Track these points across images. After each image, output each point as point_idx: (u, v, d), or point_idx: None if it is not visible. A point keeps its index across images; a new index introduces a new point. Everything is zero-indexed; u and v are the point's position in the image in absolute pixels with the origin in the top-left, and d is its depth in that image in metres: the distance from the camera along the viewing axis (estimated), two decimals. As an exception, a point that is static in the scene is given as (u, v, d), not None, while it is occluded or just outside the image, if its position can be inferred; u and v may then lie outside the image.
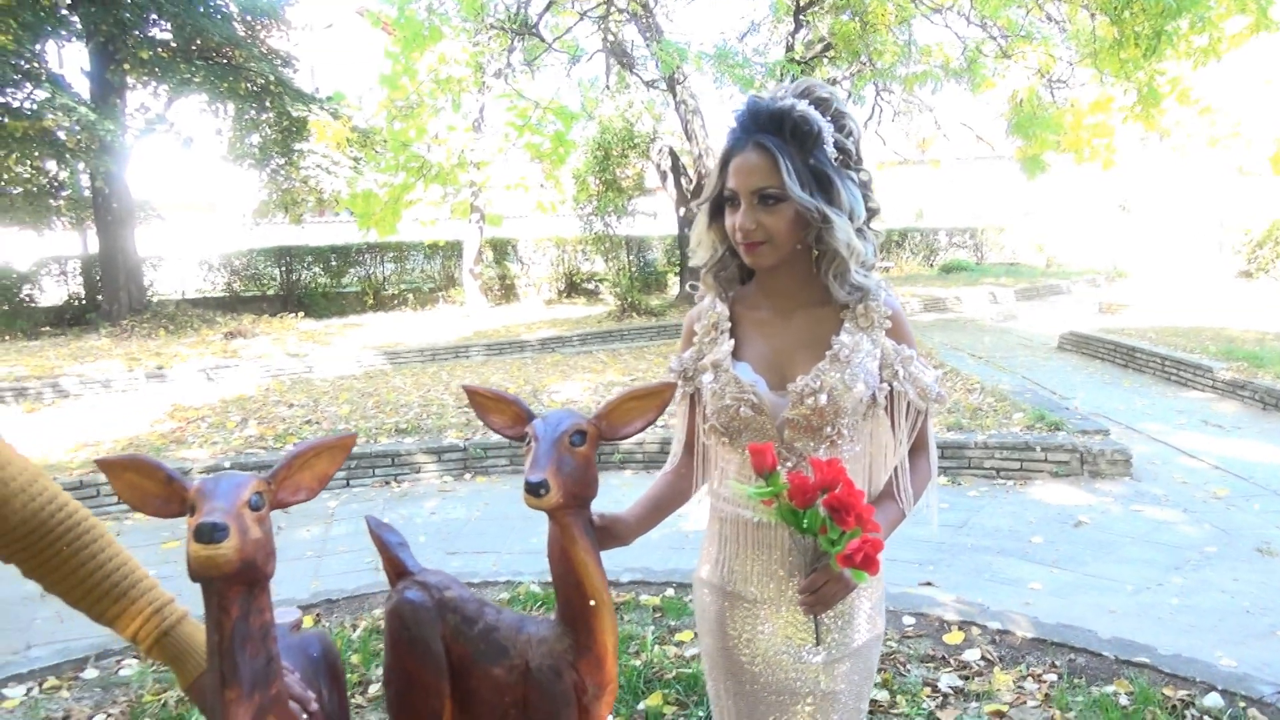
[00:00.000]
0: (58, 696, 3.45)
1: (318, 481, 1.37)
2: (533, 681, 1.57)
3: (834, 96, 1.60)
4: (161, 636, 1.38)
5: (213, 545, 1.16)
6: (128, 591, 1.37)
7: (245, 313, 17.35)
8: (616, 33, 16.06)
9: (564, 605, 1.59)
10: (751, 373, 1.60)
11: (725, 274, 1.69)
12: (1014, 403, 7.57)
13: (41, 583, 1.36)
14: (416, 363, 12.38)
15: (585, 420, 1.55)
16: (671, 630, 3.78)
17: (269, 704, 1.28)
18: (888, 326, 1.62)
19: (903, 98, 18.31)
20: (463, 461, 6.98)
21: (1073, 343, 11.74)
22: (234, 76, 15.56)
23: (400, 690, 1.66)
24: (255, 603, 1.27)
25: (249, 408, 8.78)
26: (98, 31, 14.18)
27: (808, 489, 1.41)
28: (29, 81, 13.60)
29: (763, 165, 1.52)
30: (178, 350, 12.86)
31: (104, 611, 1.37)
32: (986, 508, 5.67)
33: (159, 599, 1.39)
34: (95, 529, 1.37)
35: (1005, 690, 3.19)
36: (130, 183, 15.90)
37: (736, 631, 1.66)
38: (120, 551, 1.39)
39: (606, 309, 17.02)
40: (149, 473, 1.30)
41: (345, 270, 19.68)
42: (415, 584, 1.70)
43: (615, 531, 1.65)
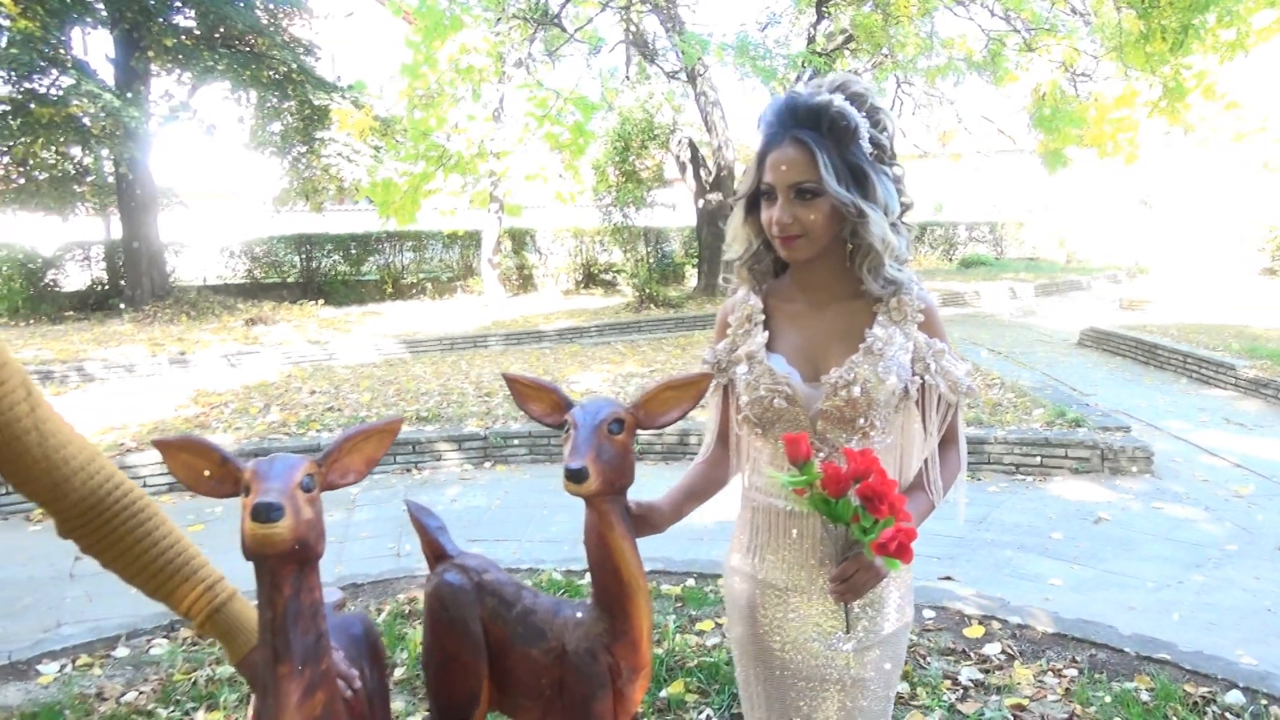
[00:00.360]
0: (90, 674, 3.52)
1: (366, 464, 1.41)
2: (569, 664, 1.61)
3: (870, 92, 1.62)
4: (213, 613, 1.42)
5: (269, 524, 1.20)
6: (181, 569, 1.41)
7: (265, 300, 17.47)
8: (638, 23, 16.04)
9: (600, 590, 1.62)
10: (785, 364, 1.62)
11: (760, 267, 1.72)
12: (1034, 399, 7.55)
13: (99, 559, 1.40)
14: (435, 351, 12.45)
15: (623, 409, 1.58)
16: (692, 619, 3.81)
17: (319, 679, 1.32)
18: (920, 320, 1.64)
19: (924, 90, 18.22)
20: (483, 450, 7.04)
21: (1093, 339, 11.68)
22: (257, 64, 15.64)
23: (439, 670, 1.70)
24: (306, 581, 1.31)
25: (271, 394, 8.87)
26: (123, 18, 14.28)
27: (841, 478, 1.44)
28: (55, 68, 13.73)
29: (800, 160, 1.54)
30: (200, 336, 12.98)
31: (158, 588, 1.41)
32: (1006, 503, 5.67)
33: (210, 576, 1.43)
34: (150, 508, 1.41)
35: (1026, 684, 3.20)
36: (153, 169, 16.04)
37: (767, 618, 1.68)
38: (174, 530, 1.43)
39: (624, 300, 17.04)
40: (204, 453, 1.34)
41: (365, 258, 19.77)
42: (454, 567, 1.74)
43: (651, 519, 1.68)
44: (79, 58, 14.64)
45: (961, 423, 1.72)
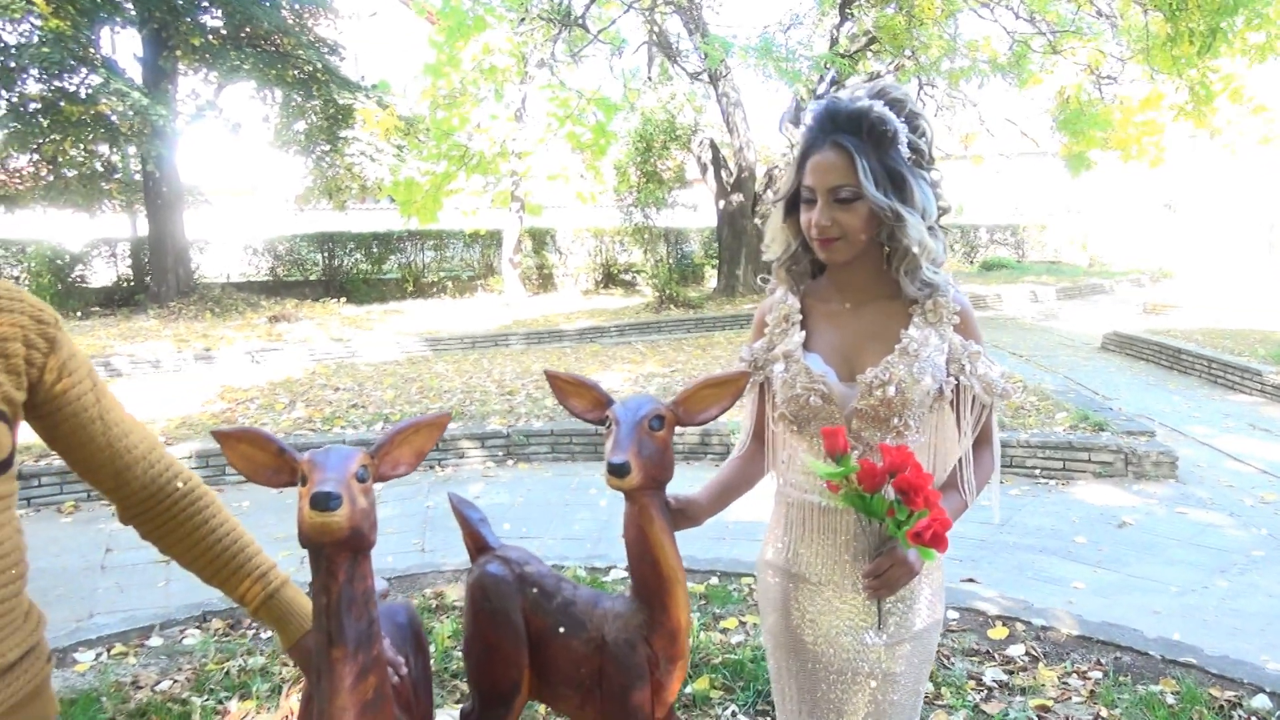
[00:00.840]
0: (125, 662, 3.58)
1: (416, 456, 1.45)
2: (609, 654, 1.64)
3: (909, 98, 1.65)
4: (267, 599, 1.46)
5: (327, 512, 1.24)
6: (236, 556, 1.45)
7: (288, 297, 17.63)
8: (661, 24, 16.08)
9: (639, 582, 1.66)
10: (822, 363, 1.65)
11: (798, 268, 1.75)
12: (1056, 402, 7.53)
13: (158, 545, 1.45)
14: (457, 350, 12.52)
15: (663, 406, 1.62)
16: (716, 617, 3.84)
17: (371, 664, 1.36)
18: (956, 322, 1.66)
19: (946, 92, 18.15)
20: (505, 448, 7.09)
21: (1116, 343, 11.61)
22: (282, 64, 15.80)
23: (481, 659, 1.74)
24: (359, 569, 1.35)
25: (296, 390, 8.96)
26: (151, 18, 14.46)
27: (876, 473, 1.47)
28: (85, 67, 13.92)
29: (840, 164, 1.57)
30: (224, 333, 13.12)
31: (214, 574, 1.45)
32: (1028, 507, 5.67)
33: (264, 564, 1.48)
34: (206, 496, 1.46)
35: (1050, 686, 3.21)
36: (179, 167, 16.22)
37: (800, 612, 1.71)
38: (229, 519, 1.47)
39: (644, 300, 17.08)
40: (262, 444, 1.38)
41: (386, 257, 19.90)
42: (496, 558, 1.78)
43: (689, 513, 1.71)
44: (108, 57, 14.84)
45: (996, 424, 1.74)
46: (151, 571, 4.95)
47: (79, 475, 1.40)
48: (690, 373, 9.55)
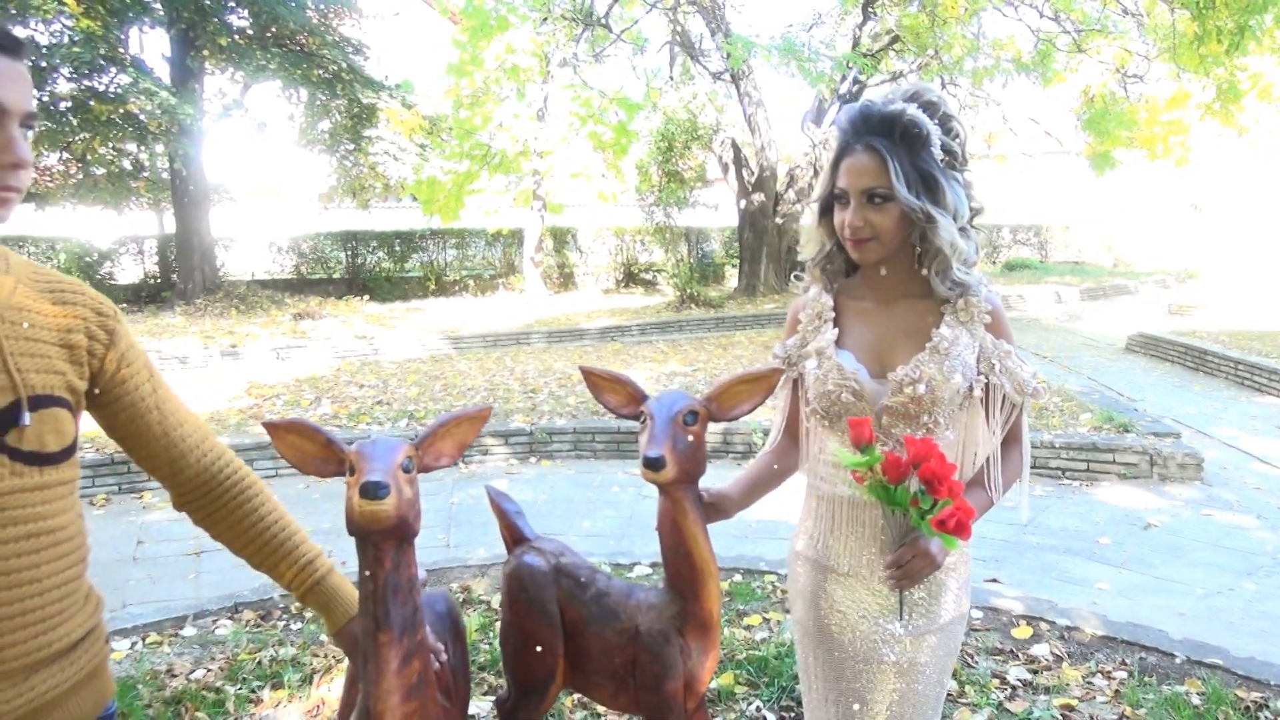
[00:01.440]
0: (160, 651, 3.66)
1: (458, 448, 1.49)
2: (642, 644, 1.68)
3: (942, 101, 1.67)
4: (314, 586, 1.51)
5: (376, 501, 1.28)
6: (284, 544, 1.50)
7: (312, 295, 17.78)
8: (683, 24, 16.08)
9: (673, 574, 1.69)
10: (854, 360, 1.68)
11: (831, 267, 1.78)
12: (1080, 403, 7.49)
13: (209, 531, 1.50)
14: (479, 348, 12.60)
15: (697, 401, 1.65)
16: (740, 614, 3.87)
17: (415, 648, 1.40)
18: (987, 322, 1.69)
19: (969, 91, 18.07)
20: (529, 445, 7.14)
21: (1141, 344, 11.53)
22: (307, 63, 15.93)
23: (517, 648, 1.78)
24: (404, 557, 1.39)
25: (321, 387, 9.05)
26: (179, 18, 14.62)
27: (901, 465, 1.49)
28: (114, 66, 14.09)
29: (872, 166, 1.60)
30: (249, 329, 13.26)
31: (263, 560, 1.50)
32: (1052, 507, 5.66)
33: (311, 552, 1.52)
34: (256, 485, 1.51)
35: (1075, 685, 3.22)
36: (205, 166, 16.40)
37: (828, 602, 1.74)
38: (278, 507, 1.52)
39: (664, 299, 17.10)
40: (310, 436, 1.43)
41: (409, 255, 20.04)
42: (532, 549, 1.82)
43: (721, 506, 1.75)
44: (136, 56, 15.02)
45: (1026, 424, 1.77)
46: (182, 564, 5.03)
47: (136, 462, 1.45)
48: (712, 372, 9.57)
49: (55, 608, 1.25)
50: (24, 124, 1.18)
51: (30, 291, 1.28)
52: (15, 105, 1.15)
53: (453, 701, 1.56)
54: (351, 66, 16.24)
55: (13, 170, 1.16)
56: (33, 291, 1.28)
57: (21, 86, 1.17)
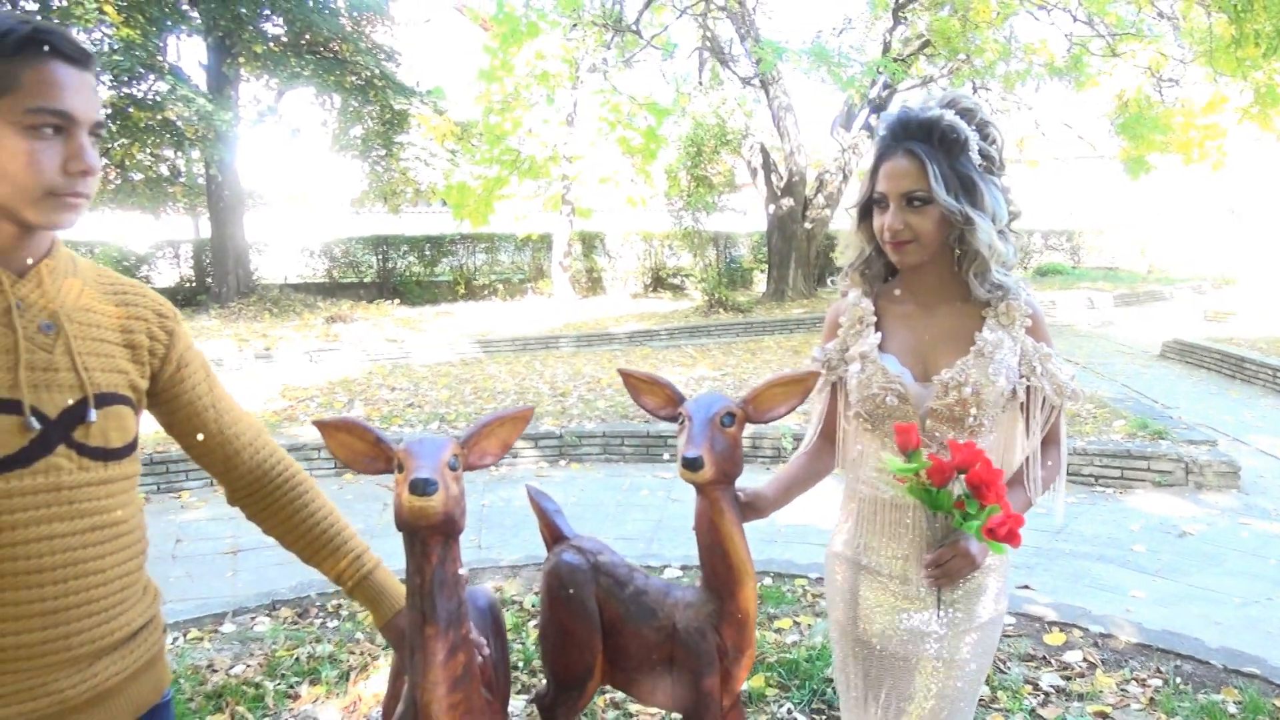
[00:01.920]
0: (200, 646, 3.73)
1: (502, 447, 1.52)
2: (679, 641, 1.71)
3: (979, 107, 1.70)
4: (362, 580, 1.55)
5: (425, 497, 1.32)
6: (333, 539, 1.54)
7: (343, 298, 17.98)
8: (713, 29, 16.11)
9: (710, 573, 1.72)
10: (898, 364, 1.70)
11: (870, 271, 1.80)
12: (1114, 410, 7.42)
13: (261, 525, 1.54)
14: (509, 351, 12.68)
15: (735, 403, 1.68)
16: (771, 617, 3.88)
17: (460, 642, 1.43)
18: (1028, 325, 1.70)
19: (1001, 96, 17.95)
20: (558, 448, 7.19)
21: (1176, 351, 11.38)
22: (340, 70, 16.14)
23: (556, 644, 1.81)
24: (450, 552, 1.43)
25: (354, 389, 9.16)
26: (216, 26, 14.88)
27: (945, 469, 1.51)
28: (153, 74, 14.36)
29: (912, 170, 1.63)
30: (282, 333, 13.44)
31: (312, 555, 1.54)
32: (1085, 515, 5.61)
33: (359, 547, 1.56)
34: (306, 482, 1.55)
35: (1108, 692, 3.20)
36: (240, 171, 16.66)
37: (869, 602, 1.76)
38: (327, 503, 1.56)
39: (692, 304, 17.12)
40: (360, 434, 1.47)
41: (439, 259, 20.22)
42: (571, 548, 1.85)
43: (757, 505, 1.77)
44: (174, 64, 15.31)
45: (1063, 425, 1.78)
46: (220, 562, 5.12)
47: (193, 459, 1.50)
48: (741, 376, 9.58)
49: (117, 598, 1.30)
50: (92, 132, 1.23)
51: (95, 293, 1.33)
52: (85, 115, 1.20)
53: (494, 695, 1.60)
54: (384, 73, 16.43)
55: (82, 177, 1.21)
56: (98, 293, 1.34)
57: (90, 97, 1.22)
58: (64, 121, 1.18)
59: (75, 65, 1.20)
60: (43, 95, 1.16)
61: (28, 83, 1.15)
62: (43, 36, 1.16)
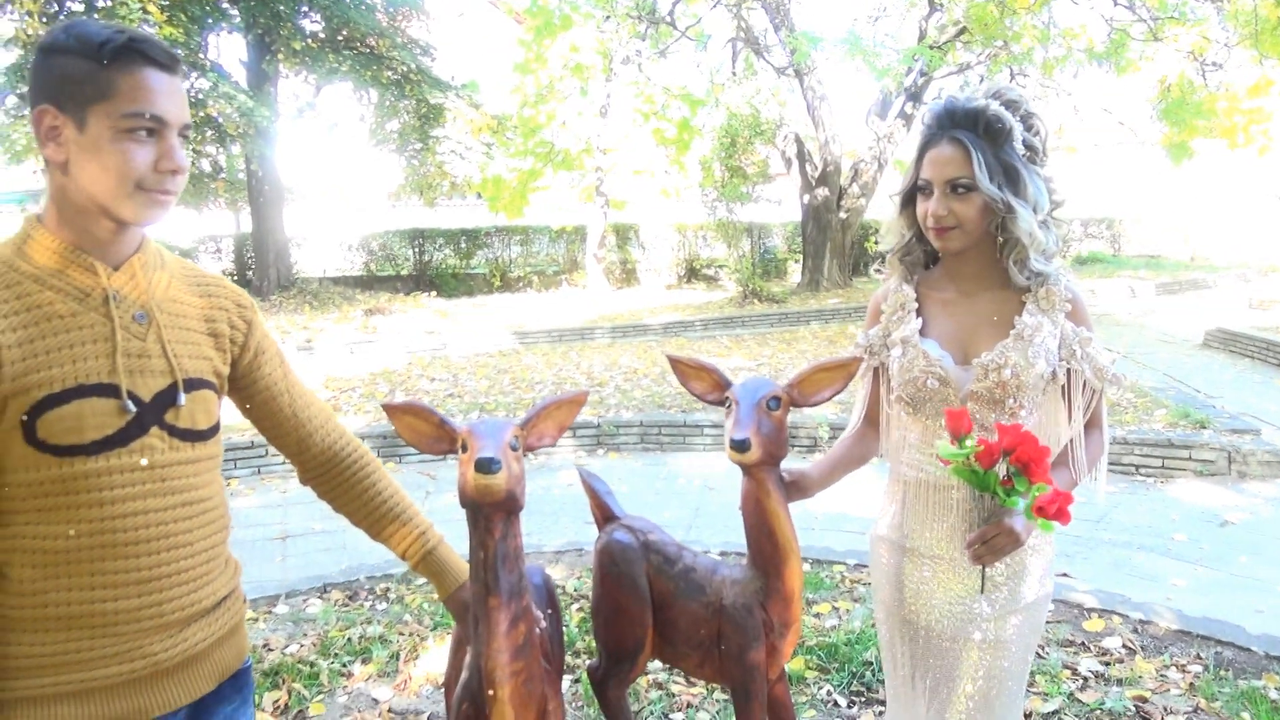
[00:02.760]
0: (256, 627, 3.86)
1: (558, 430, 1.60)
2: (726, 617, 1.77)
3: (1023, 98, 1.74)
4: (426, 555, 1.63)
5: (489, 475, 1.40)
6: (399, 516, 1.62)
7: (381, 291, 18.21)
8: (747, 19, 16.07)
9: (756, 552, 1.78)
10: (939, 348, 1.75)
11: (911, 258, 1.85)
12: (1155, 399, 7.36)
13: (332, 504, 1.63)
14: (545, 343, 12.80)
15: (780, 387, 1.74)
16: (810, 602, 3.93)
17: (521, 613, 1.51)
18: (1068, 310, 1.74)
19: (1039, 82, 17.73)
20: (596, 438, 7.27)
21: (1220, 339, 11.22)
22: (377, 65, 16.30)
23: (608, 619, 1.89)
24: (511, 528, 1.51)
25: (394, 380, 9.32)
26: (255, 23, 15.10)
27: (993, 450, 1.55)
28: (194, 71, 14.61)
29: (956, 157, 1.67)
30: (322, 325, 13.65)
31: (379, 531, 1.63)
32: (1125, 504, 5.59)
33: (423, 524, 1.65)
34: (374, 463, 1.64)
35: (1148, 678, 3.22)
36: (279, 166, 16.91)
37: (914, 583, 1.81)
38: (392, 483, 1.65)
39: (727, 295, 17.12)
40: (425, 417, 1.55)
41: (474, 252, 20.39)
42: (622, 527, 1.93)
43: (802, 485, 1.83)
44: (215, 61, 15.57)
45: (1105, 408, 1.81)
46: (270, 547, 5.27)
47: (269, 441, 1.59)
48: (776, 366, 9.60)
49: (204, 569, 1.39)
50: (180, 134, 1.31)
51: (181, 285, 1.42)
52: (175, 117, 1.29)
53: (551, 665, 1.67)
54: (419, 68, 16.58)
55: (171, 176, 1.30)
56: (183, 285, 1.43)
57: (179, 100, 1.30)
58: (156, 125, 1.26)
59: (165, 71, 1.28)
60: (137, 101, 1.24)
61: (123, 89, 1.24)
62: (137, 45, 1.24)
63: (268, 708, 3.18)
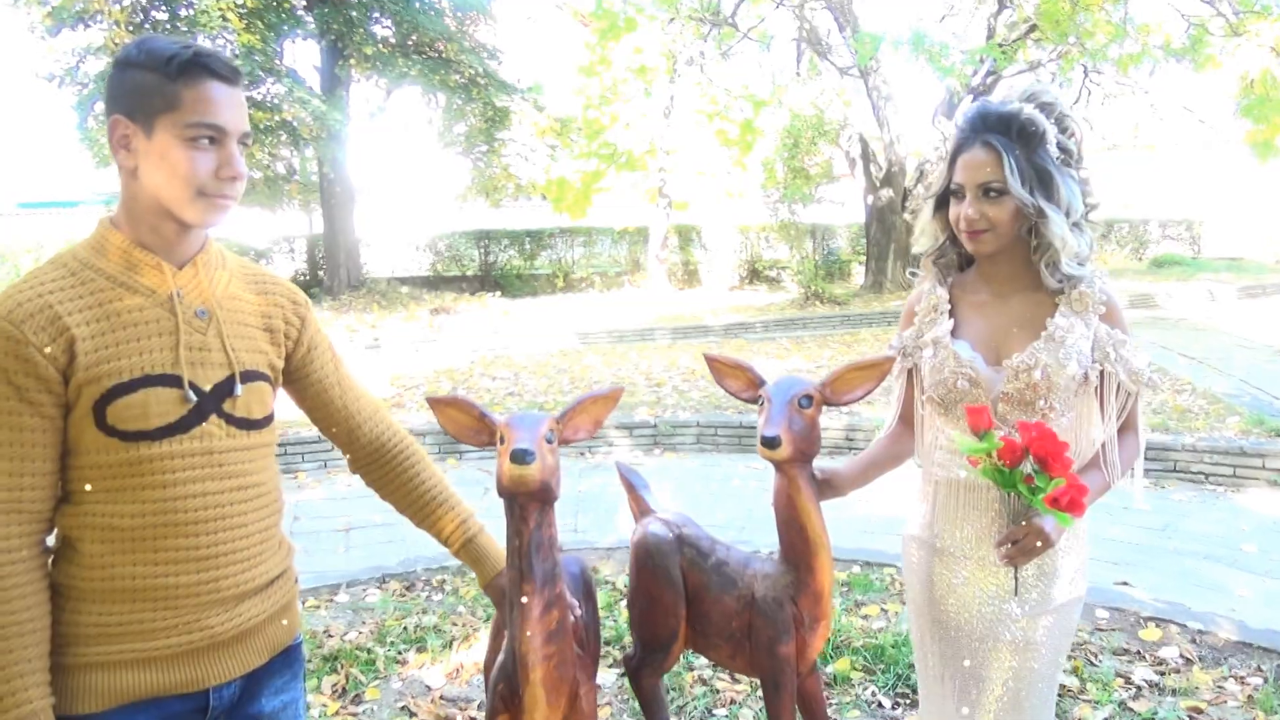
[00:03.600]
0: (318, 614, 4.01)
1: (594, 424, 1.66)
2: (758, 610, 1.82)
3: (1058, 101, 1.74)
4: (467, 542, 1.71)
5: (523, 465, 1.47)
6: (441, 504, 1.70)
7: (446, 291, 18.55)
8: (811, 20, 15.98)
9: (787, 547, 1.82)
10: (970, 350, 1.76)
11: (944, 260, 1.87)
12: (1228, 405, 7.14)
13: (379, 492, 1.72)
14: (605, 343, 12.91)
15: (813, 386, 1.77)
16: (859, 604, 3.93)
17: (554, 599, 1.58)
18: (1101, 312, 1.74)
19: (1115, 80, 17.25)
20: (652, 437, 7.33)
21: (1302, 345, 10.80)
22: (445, 69, 16.63)
23: (643, 610, 1.94)
24: (546, 518, 1.57)
25: (457, 379, 9.51)
26: (329, 30, 15.54)
27: (1016, 449, 1.57)
28: (271, 77, 15.10)
29: (989, 161, 1.69)
30: (389, 324, 13.98)
31: (424, 519, 1.71)
32: (1193, 513, 5.44)
33: (465, 513, 1.72)
34: (419, 454, 1.72)
35: (1204, 689, 3.15)
36: (351, 168, 17.36)
37: (944, 582, 1.83)
38: (436, 473, 1.73)
39: (789, 296, 17.04)
40: (466, 409, 1.63)
41: (538, 253, 20.65)
42: (658, 520, 1.98)
43: (834, 483, 1.86)
44: (290, 67, 16.05)
45: (1141, 412, 1.80)
46: (333, 538, 5.45)
47: (320, 431, 1.68)
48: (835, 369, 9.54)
49: (258, 549, 1.49)
50: (240, 141, 1.41)
51: (240, 283, 1.52)
52: (235, 127, 1.38)
53: (585, 652, 1.74)
54: (486, 71, 16.86)
55: (231, 181, 1.39)
56: (242, 283, 1.52)
57: (239, 111, 1.40)
58: (217, 133, 1.36)
59: (227, 83, 1.37)
60: (200, 111, 1.34)
61: (188, 100, 1.33)
62: (201, 60, 1.34)
63: (326, 691, 3.32)
